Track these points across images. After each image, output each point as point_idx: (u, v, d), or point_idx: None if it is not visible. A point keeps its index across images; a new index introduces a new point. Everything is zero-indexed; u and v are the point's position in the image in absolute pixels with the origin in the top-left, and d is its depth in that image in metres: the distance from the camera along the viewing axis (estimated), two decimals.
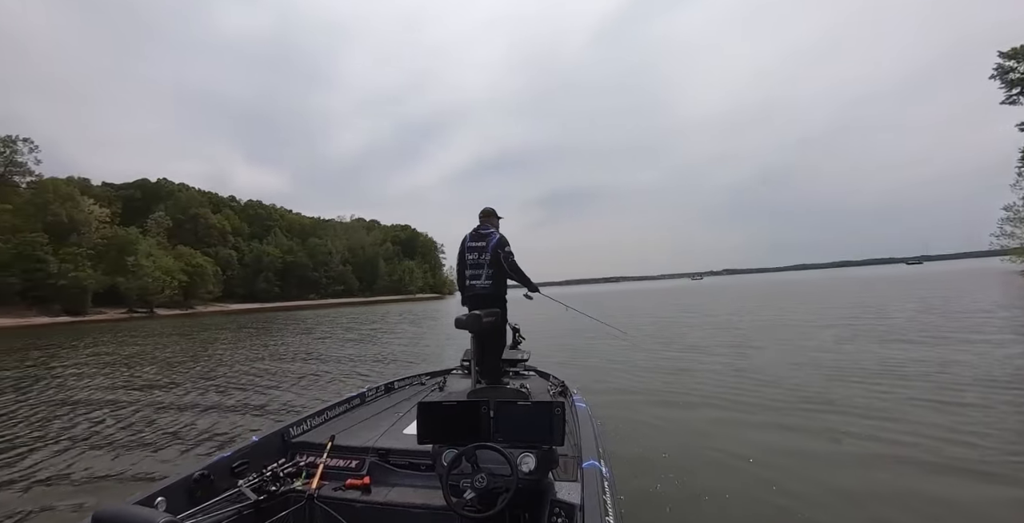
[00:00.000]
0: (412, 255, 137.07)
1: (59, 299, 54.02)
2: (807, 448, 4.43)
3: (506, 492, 1.95)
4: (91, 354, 16.36)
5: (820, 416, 5.31)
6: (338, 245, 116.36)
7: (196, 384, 9.60)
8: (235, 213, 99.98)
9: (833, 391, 6.31)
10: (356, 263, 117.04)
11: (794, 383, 6.88)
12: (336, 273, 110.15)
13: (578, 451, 2.63)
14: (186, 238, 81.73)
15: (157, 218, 79.08)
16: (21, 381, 11.05)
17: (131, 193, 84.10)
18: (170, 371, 11.60)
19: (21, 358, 16.04)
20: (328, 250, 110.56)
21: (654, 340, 12.50)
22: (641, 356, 10.06)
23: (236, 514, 2.32)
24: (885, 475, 3.77)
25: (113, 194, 78.78)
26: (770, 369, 7.97)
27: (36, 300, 52.37)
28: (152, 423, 6.62)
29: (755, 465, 4.07)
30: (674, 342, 12.03)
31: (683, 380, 7.57)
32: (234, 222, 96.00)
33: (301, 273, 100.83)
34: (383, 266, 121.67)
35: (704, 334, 13.32)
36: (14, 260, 51.22)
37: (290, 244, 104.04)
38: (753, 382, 7.12)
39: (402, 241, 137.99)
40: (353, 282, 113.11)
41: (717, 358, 9.36)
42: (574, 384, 4.41)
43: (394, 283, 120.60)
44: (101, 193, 74.57)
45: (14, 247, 51.41)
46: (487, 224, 4.76)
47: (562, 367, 7.44)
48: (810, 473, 3.87)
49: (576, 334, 13.84)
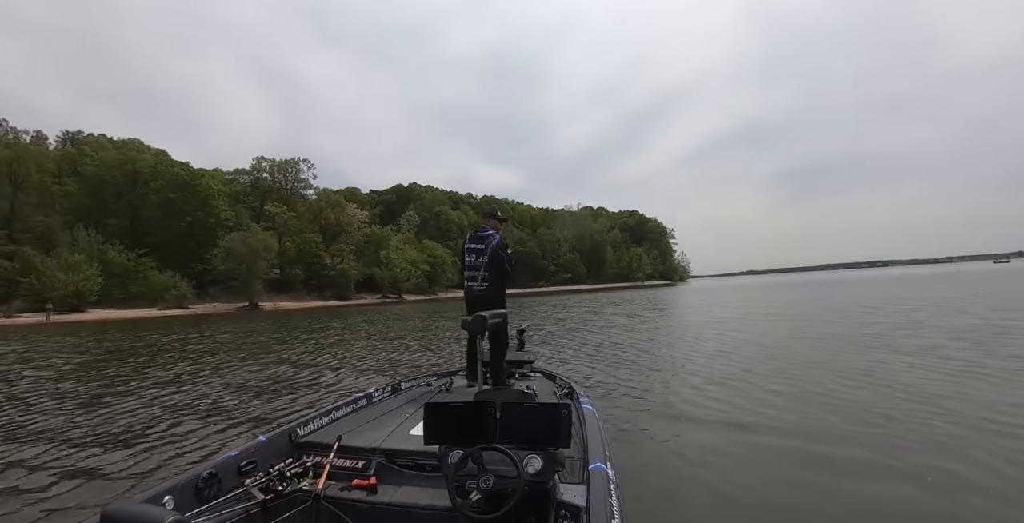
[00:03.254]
0: (640, 241, 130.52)
1: (330, 287, 63.93)
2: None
3: (512, 494, 1.90)
4: (343, 327, 22.27)
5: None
6: (566, 234, 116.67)
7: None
8: (471, 208, 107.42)
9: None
10: (583, 251, 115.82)
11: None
12: (563, 261, 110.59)
13: (584, 453, 2.59)
14: (430, 233, 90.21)
15: (407, 217, 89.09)
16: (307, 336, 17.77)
17: (389, 197, 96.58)
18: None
19: (312, 323, 25.50)
20: (556, 239, 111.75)
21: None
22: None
23: (243, 513, 2.26)
24: None
25: (376, 198, 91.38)
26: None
27: (313, 288, 62.89)
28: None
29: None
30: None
31: None
32: (471, 216, 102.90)
33: (530, 262, 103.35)
34: (610, 253, 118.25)
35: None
36: (298, 256, 62.21)
37: (520, 234, 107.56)
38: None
39: (630, 227, 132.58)
40: (580, 270, 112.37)
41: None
42: (581, 386, 4.33)
43: (621, 270, 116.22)
44: (366, 199, 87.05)
45: (298, 246, 62.40)
46: (487, 226, 4.70)
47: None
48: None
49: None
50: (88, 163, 52.67)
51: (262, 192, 68.64)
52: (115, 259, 47.10)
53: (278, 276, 60.03)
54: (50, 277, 40.58)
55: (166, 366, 10.91)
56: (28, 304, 40.20)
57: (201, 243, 54.92)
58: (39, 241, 46.16)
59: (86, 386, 8.71)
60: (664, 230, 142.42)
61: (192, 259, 54.06)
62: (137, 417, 6.25)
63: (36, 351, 15.50)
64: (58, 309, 39.88)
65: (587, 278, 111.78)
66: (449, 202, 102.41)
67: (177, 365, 11.01)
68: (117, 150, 55.63)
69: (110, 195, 53.36)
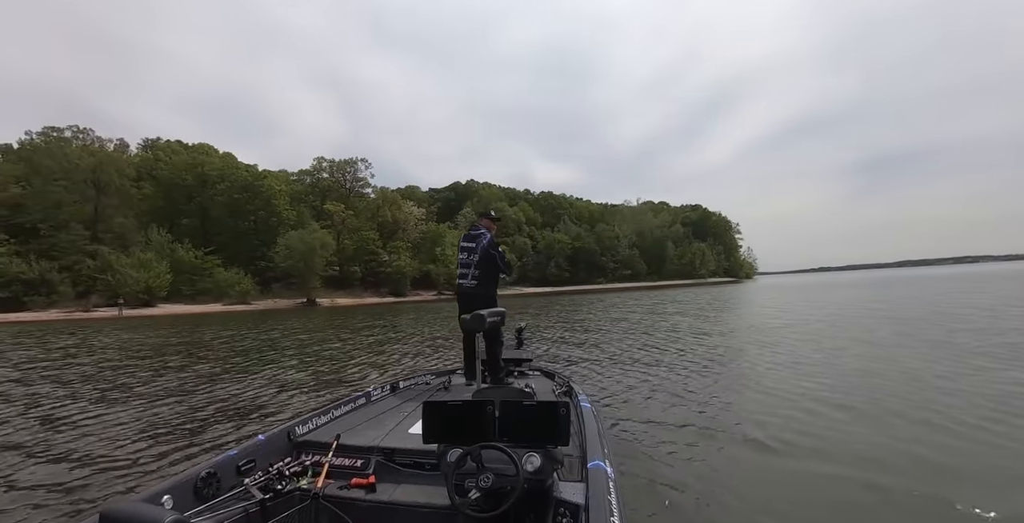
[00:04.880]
0: (704, 237, 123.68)
1: (387, 283, 63.92)
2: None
3: (511, 492, 1.88)
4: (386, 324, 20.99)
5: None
6: (625, 229, 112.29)
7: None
8: (529, 204, 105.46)
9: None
10: (643, 247, 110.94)
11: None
12: (623, 257, 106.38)
13: (583, 451, 2.58)
14: None
15: (464, 214, 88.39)
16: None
17: (448, 195, 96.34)
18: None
19: (361, 320, 24.75)
20: (615, 235, 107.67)
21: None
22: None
23: (242, 512, 2.23)
24: None
25: (435, 196, 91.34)
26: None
27: (370, 284, 63.09)
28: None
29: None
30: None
31: None
32: (528, 213, 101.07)
33: (589, 258, 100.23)
34: (671, 249, 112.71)
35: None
36: (356, 253, 62.65)
37: (578, 230, 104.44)
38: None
39: (692, 222, 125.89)
40: (640, 266, 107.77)
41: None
42: (579, 384, 4.30)
43: (683, 266, 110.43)
44: (424, 196, 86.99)
45: (355, 243, 62.86)
46: (480, 225, 4.81)
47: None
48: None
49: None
50: (162, 167, 55.08)
51: (322, 191, 69.71)
52: (184, 257, 48.76)
53: (337, 273, 60.64)
54: (123, 274, 42.35)
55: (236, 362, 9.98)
56: (104, 299, 42.09)
57: (264, 241, 56.09)
58: (118, 241, 48.53)
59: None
60: (729, 225, 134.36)
61: (256, 257, 55.32)
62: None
63: (104, 346, 15.16)
64: (130, 304, 41.50)
65: (647, 275, 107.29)
66: (506, 198, 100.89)
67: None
68: (188, 154, 57.85)
69: (182, 197, 55.52)
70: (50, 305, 39.71)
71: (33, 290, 39.57)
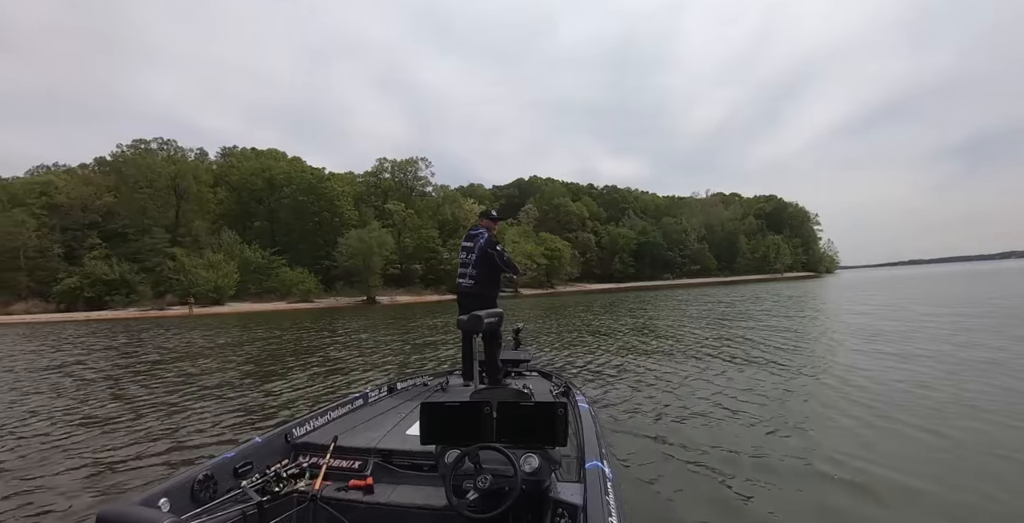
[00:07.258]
0: (779, 229, 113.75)
1: (446, 281, 62.54)
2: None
3: (509, 493, 1.86)
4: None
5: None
6: (693, 223, 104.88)
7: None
8: (592, 199, 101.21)
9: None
10: (713, 241, 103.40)
11: None
12: (691, 252, 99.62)
13: (581, 452, 2.51)
14: (550, 225, 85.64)
15: (526, 210, 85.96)
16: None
17: (511, 191, 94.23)
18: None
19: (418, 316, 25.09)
20: (683, 228, 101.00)
21: None
22: None
23: (239, 515, 2.18)
24: None
25: (498, 193, 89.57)
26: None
27: (430, 282, 61.94)
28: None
29: None
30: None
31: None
32: (592, 208, 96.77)
33: (655, 253, 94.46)
34: (744, 242, 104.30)
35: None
36: (417, 251, 61.83)
37: (643, 224, 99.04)
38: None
39: (766, 214, 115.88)
40: (710, 261, 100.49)
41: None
42: (576, 385, 4.22)
43: (757, 261, 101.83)
44: (487, 194, 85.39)
45: (416, 242, 62.07)
46: (480, 225, 4.73)
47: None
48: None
49: None
50: (234, 174, 56.69)
51: (384, 191, 69.64)
52: (251, 257, 49.61)
53: (398, 271, 60.07)
54: (194, 274, 43.42)
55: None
56: (178, 298, 43.39)
57: (328, 241, 56.06)
58: (195, 244, 50.24)
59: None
60: (807, 215, 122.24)
61: (320, 256, 55.41)
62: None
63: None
64: (200, 302, 42.47)
65: (718, 270, 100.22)
66: (569, 193, 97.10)
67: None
68: (258, 159, 59.31)
69: (252, 200, 56.93)
70: (129, 304, 41.29)
71: (114, 290, 41.28)
